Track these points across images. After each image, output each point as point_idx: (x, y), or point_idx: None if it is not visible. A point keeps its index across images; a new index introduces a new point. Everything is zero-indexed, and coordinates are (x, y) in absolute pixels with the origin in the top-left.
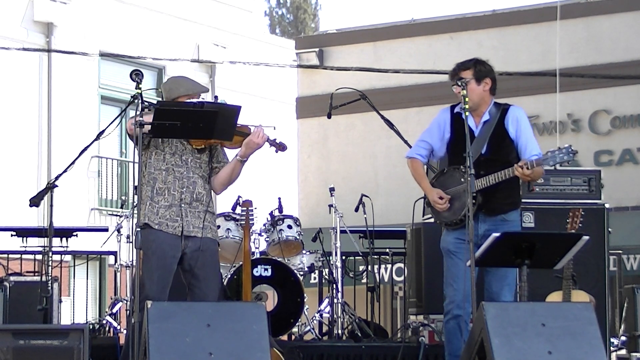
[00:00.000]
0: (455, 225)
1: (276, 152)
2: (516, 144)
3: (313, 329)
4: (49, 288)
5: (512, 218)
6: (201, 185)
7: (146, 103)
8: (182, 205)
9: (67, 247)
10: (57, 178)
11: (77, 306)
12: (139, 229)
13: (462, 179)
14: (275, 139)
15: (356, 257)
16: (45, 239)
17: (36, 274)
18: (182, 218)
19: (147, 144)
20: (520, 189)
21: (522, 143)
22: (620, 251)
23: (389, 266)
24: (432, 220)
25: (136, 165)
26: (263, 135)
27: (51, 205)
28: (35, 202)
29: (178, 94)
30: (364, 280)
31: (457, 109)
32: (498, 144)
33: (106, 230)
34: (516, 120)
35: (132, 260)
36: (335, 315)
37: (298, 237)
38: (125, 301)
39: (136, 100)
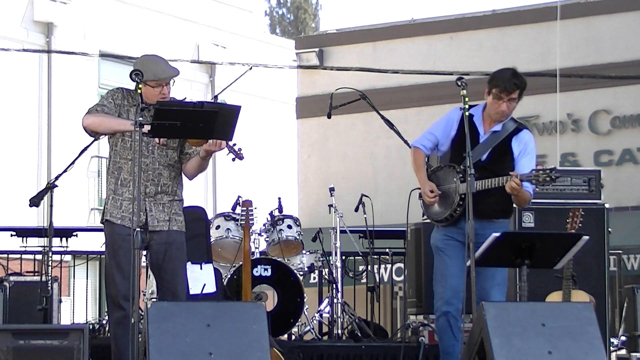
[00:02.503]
0: (443, 222)
1: (233, 160)
2: (515, 164)
3: (313, 329)
4: (49, 288)
5: (500, 222)
6: (167, 176)
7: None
8: (147, 199)
9: (67, 247)
10: (57, 178)
11: (77, 306)
12: (138, 229)
13: (455, 179)
14: (234, 145)
15: (356, 257)
16: (45, 239)
17: (36, 274)
18: (147, 212)
19: (113, 132)
20: (512, 199)
21: (522, 166)
22: (620, 251)
23: (389, 266)
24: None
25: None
26: (219, 143)
27: (51, 205)
28: (35, 202)
29: (147, 78)
30: (364, 280)
31: (471, 110)
32: (499, 157)
33: None
34: (525, 143)
35: (133, 260)
36: (335, 315)
37: (298, 237)
38: None
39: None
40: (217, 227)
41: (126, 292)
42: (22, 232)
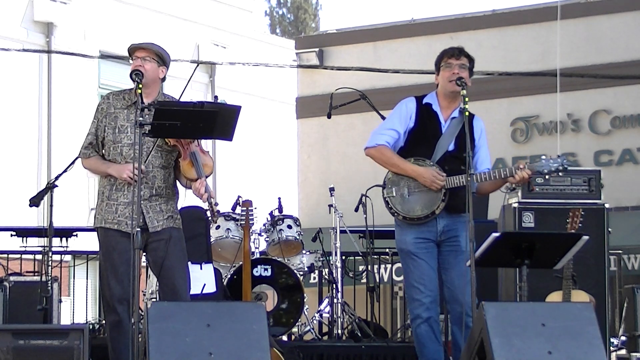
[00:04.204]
0: (419, 220)
1: (205, 212)
2: (476, 152)
3: (313, 329)
4: (49, 288)
5: (464, 216)
6: (161, 178)
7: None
8: (142, 202)
9: (67, 247)
10: (57, 178)
11: (77, 306)
12: (138, 229)
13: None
14: (216, 205)
15: (356, 257)
16: (45, 239)
17: (36, 274)
18: (144, 215)
19: (102, 140)
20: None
21: (482, 155)
22: (620, 251)
23: (389, 266)
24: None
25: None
26: (204, 194)
27: (51, 205)
28: (35, 202)
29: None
30: (364, 280)
31: (426, 100)
32: (465, 144)
33: None
34: (481, 130)
35: (133, 260)
36: (335, 315)
37: (298, 237)
38: None
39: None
40: (217, 227)
41: (120, 296)
42: (22, 232)
